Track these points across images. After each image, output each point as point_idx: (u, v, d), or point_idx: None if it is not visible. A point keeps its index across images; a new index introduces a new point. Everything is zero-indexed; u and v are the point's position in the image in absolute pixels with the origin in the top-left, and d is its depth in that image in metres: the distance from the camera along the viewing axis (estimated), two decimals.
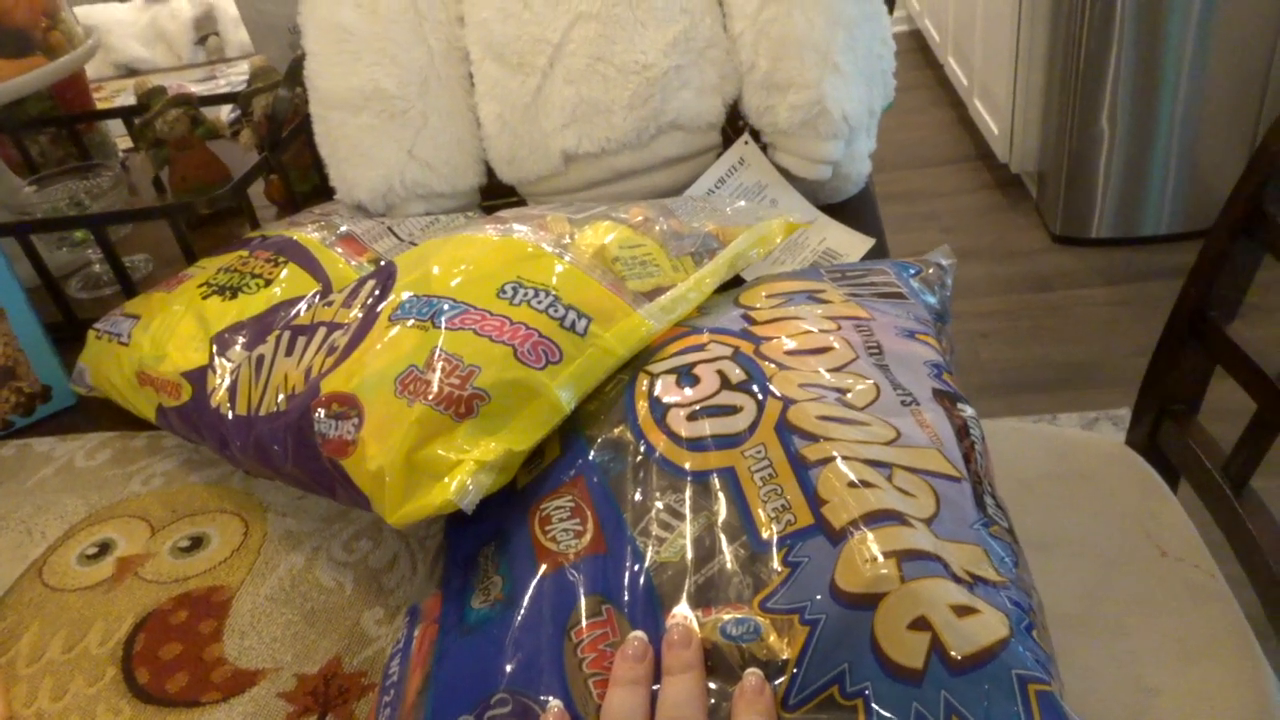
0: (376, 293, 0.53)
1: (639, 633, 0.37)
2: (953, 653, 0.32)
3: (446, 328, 0.47)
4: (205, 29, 1.61)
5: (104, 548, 0.57)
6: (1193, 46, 1.83)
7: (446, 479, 0.43)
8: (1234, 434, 0.78)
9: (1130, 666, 0.71)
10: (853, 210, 0.77)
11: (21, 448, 0.68)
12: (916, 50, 3.40)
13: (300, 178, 0.90)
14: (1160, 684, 0.69)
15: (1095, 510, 0.85)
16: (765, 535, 0.38)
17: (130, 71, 1.62)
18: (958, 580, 0.34)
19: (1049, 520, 0.84)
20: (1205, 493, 0.83)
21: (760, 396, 0.42)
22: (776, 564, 0.37)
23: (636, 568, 0.40)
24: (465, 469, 0.43)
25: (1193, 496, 0.86)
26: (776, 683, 0.34)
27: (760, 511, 0.39)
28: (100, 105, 1.30)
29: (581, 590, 0.39)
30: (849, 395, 0.42)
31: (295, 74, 0.78)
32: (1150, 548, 0.81)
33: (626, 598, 0.39)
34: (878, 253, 0.72)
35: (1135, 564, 0.79)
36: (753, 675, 0.34)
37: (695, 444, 0.42)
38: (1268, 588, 0.74)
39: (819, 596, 0.34)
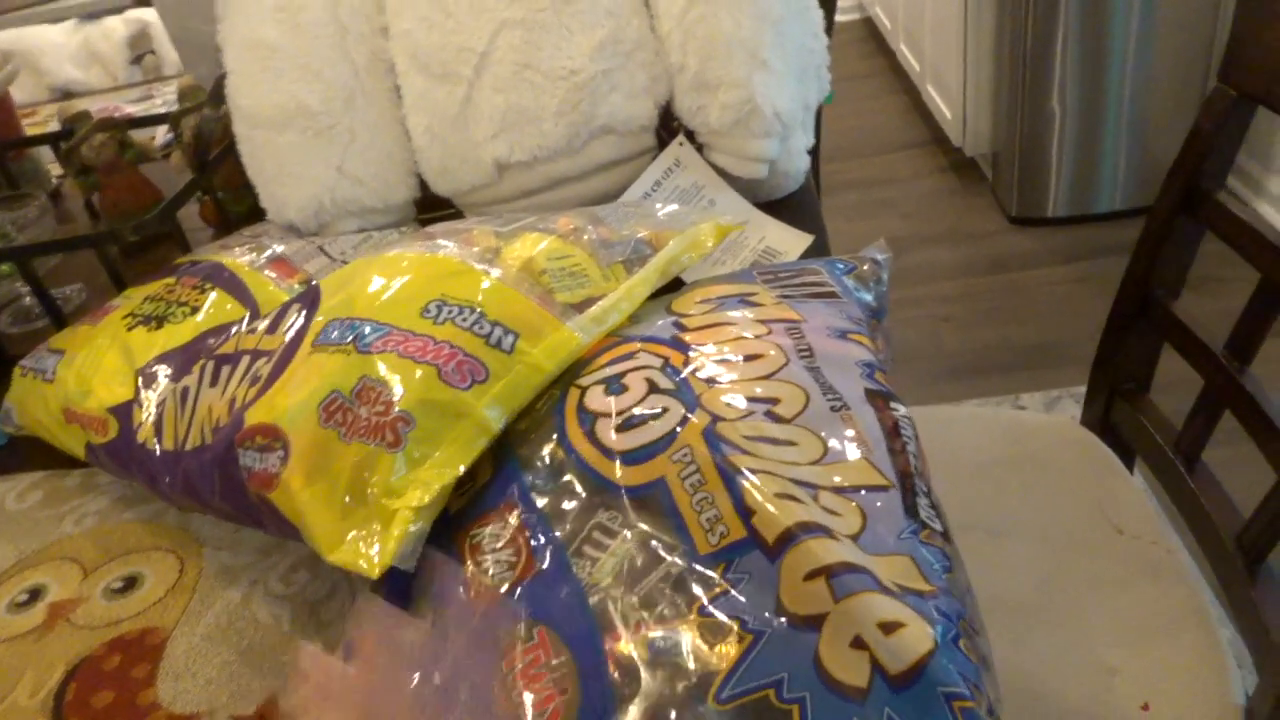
0: (300, 317, 0.51)
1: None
2: (889, 671, 0.31)
3: (369, 351, 0.46)
4: (140, 48, 1.57)
5: (34, 594, 0.55)
6: (1138, 24, 1.85)
7: (383, 535, 0.42)
8: (1186, 406, 0.78)
9: (1089, 647, 0.71)
10: (792, 207, 0.77)
11: None
12: (868, 38, 3.42)
13: (234, 198, 0.88)
14: (1120, 663, 0.70)
15: (1052, 492, 0.86)
16: (701, 550, 0.37)
17: (65, 94, 1.58)
18: (886, 590, 0.33)
19: (1006, 505, 0.85)
20: (1159, 469, 0.84)
21: (688, 411, 0.42)
22: (716, 576, 0.36)
23: (570, 588, 0.39)
24: (401, 521, 0.41)
25: (1149, 473, 0.86)
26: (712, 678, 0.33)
27: (695, 524, 0.38)
28: (33, 130, 1.27)
29: (515, 619, 0.38)
30: (778, 406, 0.41)
31: (220, 92, 0.76)
32: (1107, 527, 0.81)
33: (561, 618, 0.38)
34: (818, 248, 0.71)
35: (1093, 544, 0.80)
36: None
37: (626, 456, 0.42)
38: (1219, 561, 0.74)
39: (765, 612, 0.34)
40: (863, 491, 0.38)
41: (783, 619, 0.34)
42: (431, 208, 0.78)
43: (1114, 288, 0.86)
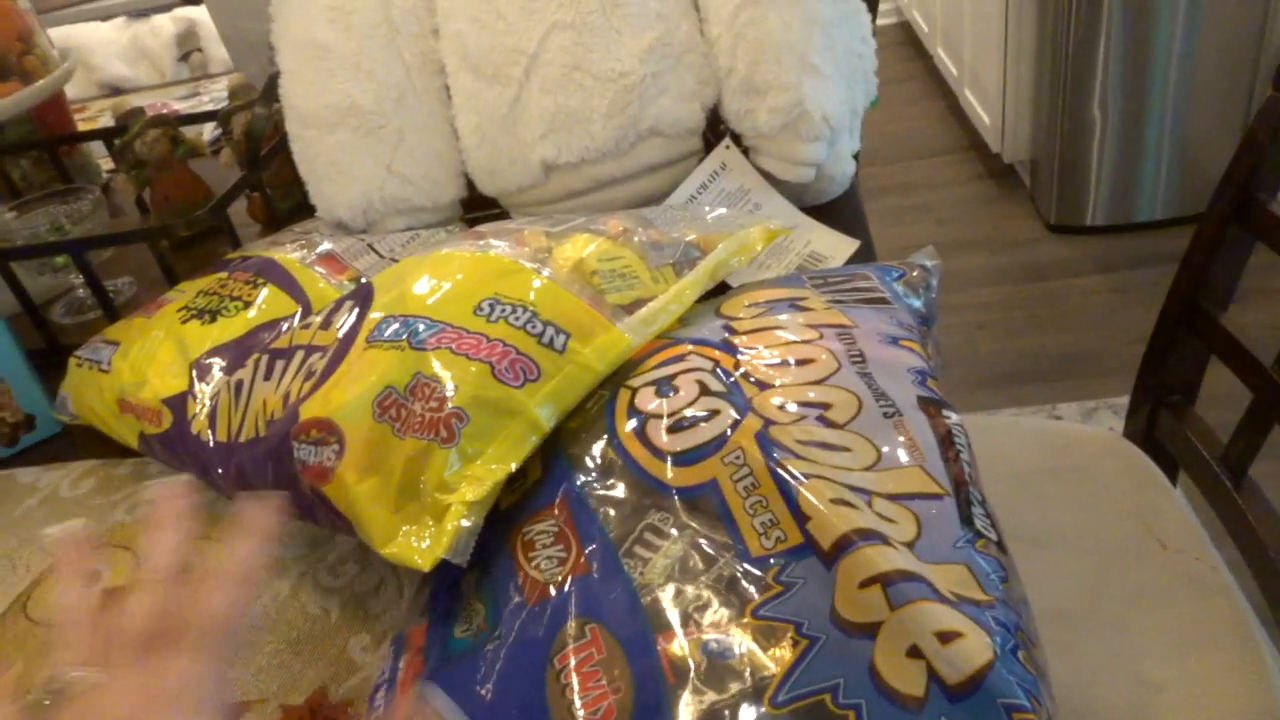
0: (354, 314, 0.52)
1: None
2: (947, 681, 0.31)
3: (423, 347, 0.47)
4: (188, 45, 1.60)
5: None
6: (1182, 29, 1.82)
7: (435, 530, 0.42)
8: (1232, 419, 0.77)
9: (1132, 661, 0.70)
10: (838, 211, 0.77)
11: (5, 479, 0.67)
12: (906, 42, 3.39)
13: (282, 195, 0.89)
14: (1162, 679, 0.69)
15: (1094, 504, 0.84)
16: (754, 552, 0.38)
17: (115, 90, 1.61)
18: (943, 599, 0.33)
19: (1047, 515, 0.84)
20: (1204, 483, 0.82)
21: (740, 414, 0.42)
22: (769, 580, 0.36)
23: (622, 588, 0.39)
24: (454, 515, 0.42)
25: (1192, 487, 0.85)
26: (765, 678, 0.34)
27: (748, 527, 0.38)
28: (84, 126, 1.29)
29: (565, 616, 0.39)
30: (830, 411, 0.41)
31: (272, 91, 0.77)
32: (1150, 541, 0.80)
33: (614, 617, 0.38)
34: (863, 254, 0.71)
35: (1135, 558, 0.79)
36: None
37: (677, 457, 0.42)
38: (1267, 577, 0.73)
39: (820, 618, 0.34)
40: (917, 499, 0.38)
41: (837, 626, 0.34)
42: (477, 207, 0.79)
43: (1153, 298, 0.85)
